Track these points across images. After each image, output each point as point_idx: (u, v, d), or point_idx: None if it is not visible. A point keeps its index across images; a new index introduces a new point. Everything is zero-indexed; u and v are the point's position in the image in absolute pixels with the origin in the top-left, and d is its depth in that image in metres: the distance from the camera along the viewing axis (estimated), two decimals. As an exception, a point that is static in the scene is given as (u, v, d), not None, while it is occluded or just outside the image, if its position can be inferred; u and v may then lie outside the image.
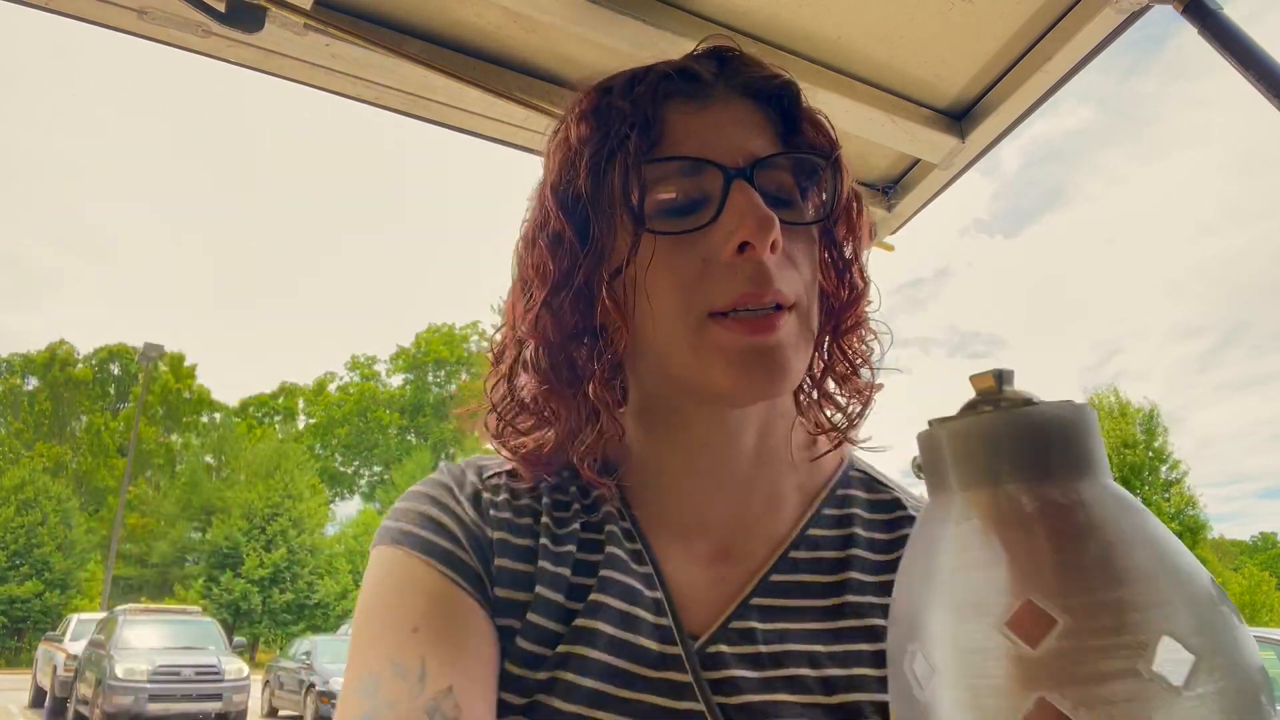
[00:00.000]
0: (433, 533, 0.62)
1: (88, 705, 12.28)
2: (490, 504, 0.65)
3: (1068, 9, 1.00)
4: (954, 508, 0.36)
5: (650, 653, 0.59)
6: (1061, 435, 0.35)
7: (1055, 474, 0.35)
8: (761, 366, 0.58)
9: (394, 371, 46.03)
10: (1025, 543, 0.33)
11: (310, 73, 1.00)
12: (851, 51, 1.07)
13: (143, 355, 26.33)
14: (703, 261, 0.59)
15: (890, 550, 0.67)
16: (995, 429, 0.36)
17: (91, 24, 0.91)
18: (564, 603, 0.61)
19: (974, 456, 0.36)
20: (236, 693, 12.46)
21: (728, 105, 0.64)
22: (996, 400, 0.37)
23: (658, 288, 0.60)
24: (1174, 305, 72.65)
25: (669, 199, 0.61)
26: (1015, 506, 0.34)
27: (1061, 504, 0.34)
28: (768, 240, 0.57)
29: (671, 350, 0.61)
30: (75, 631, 14.78)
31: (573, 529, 0.65)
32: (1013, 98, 1.10)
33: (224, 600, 28.29)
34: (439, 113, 1.08)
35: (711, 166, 0.60)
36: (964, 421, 0.37)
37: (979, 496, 0.35)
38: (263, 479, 30.67)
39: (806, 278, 0.62)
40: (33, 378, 40.21)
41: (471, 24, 0.98)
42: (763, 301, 0.58)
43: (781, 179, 0.63)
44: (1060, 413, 0.36)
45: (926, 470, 0.39)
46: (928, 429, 0.39)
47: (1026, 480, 0.35)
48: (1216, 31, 0.94)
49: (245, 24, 0.89)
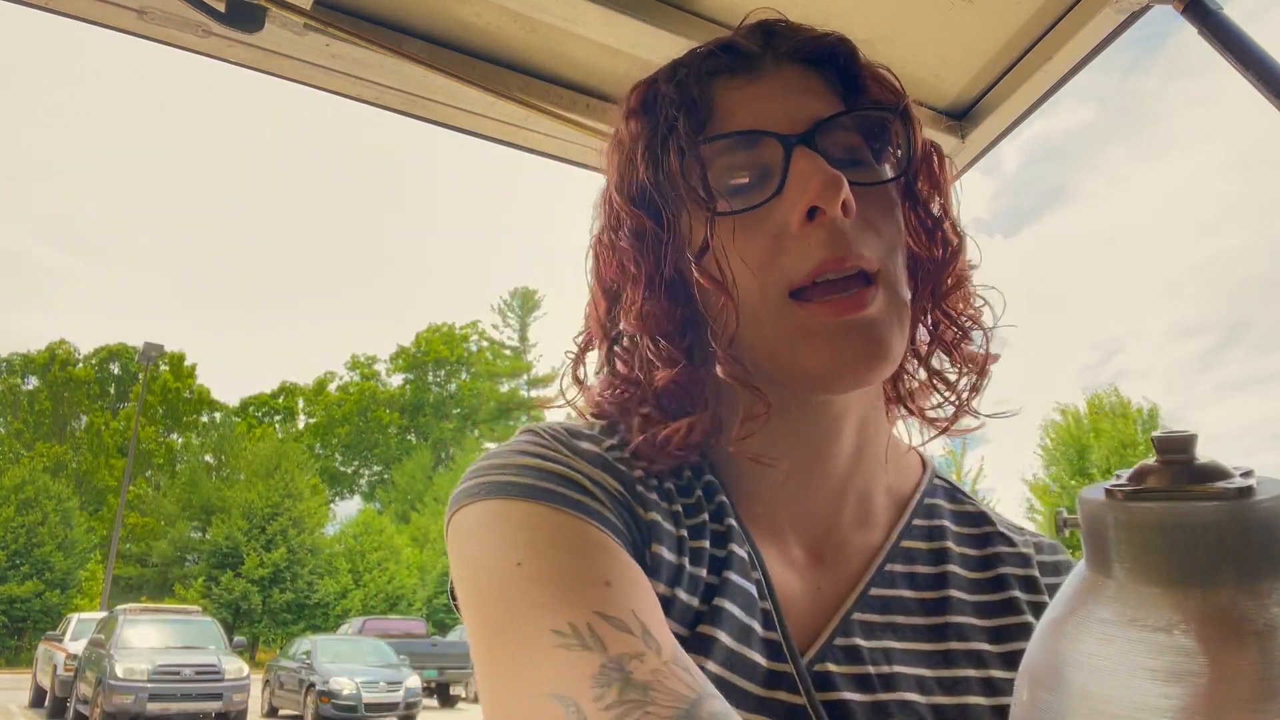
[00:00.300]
0: (574, 490, 0.53)
1: (88, 705, 12.29)
2: (631, 478, 0.57)
3: (1068, 9, 1.00)
4: (1146, 605, 0.31)
5: (760, 669, 0.54)
6: (1258, 532, 0.30)
7: (1262, 577, 0.30)
8: (854, 346, 0.54)
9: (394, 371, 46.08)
10: (1244, 660, 0.29)
11: (310, 73, 1.00)
12: (851, 51, 1.07)
13: (143, 355, 26.32)
14: (774, 237, 0.56)
15: (984, 569, 0.63)
16: (1218, 523, 0.30)
17: (91, 24, 0.91)
18: (697, 606, 0.55)
19: (1184, 553, 0.31)
20: (236, 692, 12.45)
21: (779, 74, 0.60)
22: (1189, 475, 0.32)
23: (739, 270, 0.57)
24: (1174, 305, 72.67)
25: (732, 177, 0.58)
26: (1235, 616, 0.29)
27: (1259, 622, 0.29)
28: (837, 200, 0.53)
29: (756, 336, 0.57)
30: (75, 631, 14.78)
31: (701, 520, 0.59)
32: (1013, 98, 1.10)
33: (224, 600, 28.30)
34: (439, 113, 1.08)
35: (768, 137, 0.57)
36: (1169, 509, 0.31)
37: (1184, 599, 0.30)
38: (263, 479, 30.68)
39: (889, 242, 0.57)
40: (33, 377, 40.22)
41: (471, 24, 0.98)
42: (843, 268, 0.54)
43: (848, 139, 0.59)
44: (1266, 508, 0.30)
45: (1095, 547, 0.33)
46: (1106, 502, 0.33)
47: (1247, 585, 0.30)
48: (1216, 31, 0.94)
49: (245, 24, 0.89)
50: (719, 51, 0.61)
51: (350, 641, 15.74)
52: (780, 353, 0.56)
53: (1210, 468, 0.32)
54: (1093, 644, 0.32)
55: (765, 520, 0.61)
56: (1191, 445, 0.32)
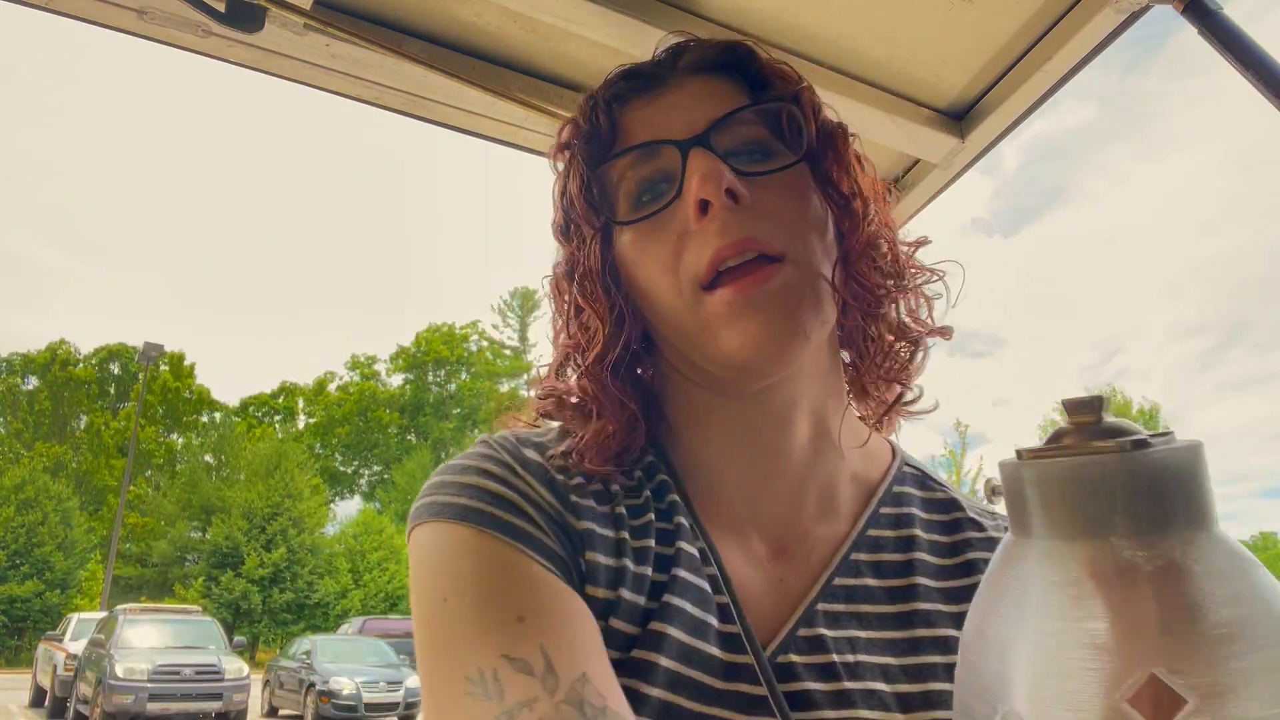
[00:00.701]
0: (507, 512, 0.55)
1: (88, 705, 12.28)
2: (567, 488, 0.59)
3: (1068, 9, 1.00)
4: (1052, 559, 0.32)
5: (718, 662, 0.55)
6: (1180, 482, 0.32)
7: (1172, 527, 0.31)
8: (761, 319, 0.56)
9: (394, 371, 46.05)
10: (1143, 607, 0.30)
11: (310, 73, 1.00)
12: (851, 51, 1.07)
13: (143, 355, 26.32)
14: (678, 237, 0.59)
15: (953, 554, 0.64)
16: (1108, 474, 0.32)
17: (91, 24, 0.91)
18: (645, 604, 0.56)
19: (1081, 504, 0.32)
20: (236, 692, 12.46)
21: (683, 87, 0.64)
22: (1094, 433, 0.33)
23: (648, 277, 0.60)
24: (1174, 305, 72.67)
25: (641, 190, 0.61)
26: (1129, 565, 0.31)
27: (1180, 563, 0.30)
28: (720, 189, 0.56)
29: (680, 333, 0.60)
30: (75, 631, 14.78)
31: (647, 520, 0.60)
32: (1013, 98, 1.10)
33: (224, 600, 28.28)
34: (439, 113, 1.08)
35: (666, 145, 0.60)
36: (1068, 464, 0.33)
37: (1085, 550, 0.32)
38: (263, 478, 30.66)
39: (793, 225, 0.59)
40: (33, 377, 40.20)
41: (471, 24, 0.98)
42: (741, 252, 0.56)
43: (750, 133, 0.61)
44: (1178, 457, 0.32)
45: (1013, 509, 0.35)
46: (1017, 462, 0.34)
47: (1141, 534, 0.31)
48: (1216, 31, 0.94)
49: (245, 24, 0.89)
50: (625, 77, 0.65)
51: (350, 641, 15.75)
52: (703, 342, 0.59)
53: (1115, 426, 0.33)
54: (1010, 603, 0.33)
55: (723, 516, 0.63)
56: (1099, 407, 0.34)
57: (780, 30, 1.03)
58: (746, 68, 0.65)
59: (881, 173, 1.34)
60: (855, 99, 1.10)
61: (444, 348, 44.78)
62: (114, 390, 42.17)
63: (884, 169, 1.32)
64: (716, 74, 0.65)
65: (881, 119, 1.12)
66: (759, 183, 0.59)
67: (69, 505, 29.54)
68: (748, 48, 0.65)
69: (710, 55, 0.65)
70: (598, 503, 0.59)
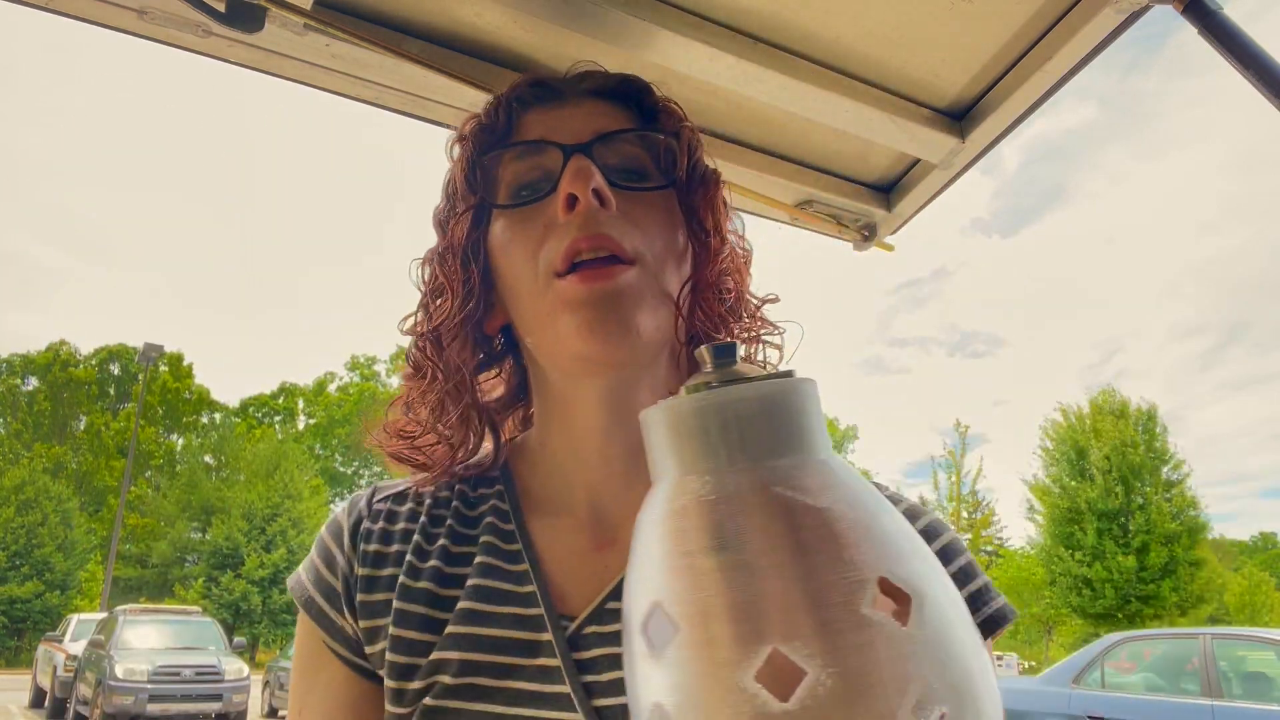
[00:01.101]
0: (320, 593, 0.69)
1: (88, 705, 12.28)
2: (365, 534, 0.69)
3: (1068, 9, 1.00)
4: (674, 493, 0.35)
5: (521, 643, 0.62)
6: (769, 413, 0.35)
7: (772, 453, 0.34)
8: (601, 317, 0.60)
9: (394, 371, 45.98)
10: (745, 533, 0.33)
11: (310, 73, 1.00)
12: (851, 51, 1.07)
13: (143, 355, 26.30)
14: (544, 228, 0.64)
15: None
16: (704, 409, 0.35)
17: (91, 24, 0.91)
18: (428, 613, 0.64)
19: (689, 438, 0.35)
20: (236, 693, 12.44)
21: (579, 104, 0.70)
22: (710, 379, 0.37)
23: (510, 263, 0.66)
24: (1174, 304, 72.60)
25: (520, 181, 0.67)
26: (735, 490, 0.34)
27: (779, 488, 0.34)
28: (587, 187, 0.61)
29: (529, 317, 0.66)
30: (75, 631, 14.76)
31: (441, 544, 0.68)
32: (1013, 98, 1.10)
33: (224, 600, 28.27)
34: (439, 113, 1.08)
35: (551, 146, 0.65)
36: (673, 404, 0.36)
37: (696, 482, 0.35)
38: (263, 479, 30.65)
39: (651, 237, 0.64)
40: (33, 378, 40.19)
41: (471, 24, 0.98)
42: (596, 247, 0.61)
43: (629, 152, 0.67)
44: (769, 390, 0.35)
45: (649, 457, 0.38)
46: (649, 410, 0.38)
47: (743, 462, 0.34)
48: (1216, 32, 0.94)
49: (245, 24, 0.89)
50: (533, 84, 0.71)
51: (350, 642, 15.69)
52: (546, 328, 0.64)
53: (727, 370, 0.37)
54: (646, 542, 0.36)
55: (561, 512, 0.69)
56: (719, 355, 0.37)
57: (780, 30, 1.03)
58: (641, 100, 0.72)
59: (881, 173, 1.34)
60: (855, 99, 1.10)
61: (444, 348, 44.69)
62: (114, 391, 42.17)
63: (884, 169, 1.32)
64: (613, 100, 0.71)
65: (881, 119, 1.12)
66: (628, 196, 0.65)
67: (69, 506, 29.53)
68: (644, 83, 0.73)
69: (610, 84, 0.72)
70: (386, 543, 0.69)
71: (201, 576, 29.67)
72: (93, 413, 39.91)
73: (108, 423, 39.19)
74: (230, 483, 33.35)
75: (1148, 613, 20.80)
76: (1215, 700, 6.14)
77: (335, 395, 45.46)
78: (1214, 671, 6.33)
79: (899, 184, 1.33)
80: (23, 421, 38.09)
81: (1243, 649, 6.70)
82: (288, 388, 46.61)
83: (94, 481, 36.82)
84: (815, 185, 1.28)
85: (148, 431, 38.44)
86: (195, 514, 33.18)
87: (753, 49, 1.02)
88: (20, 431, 37.54)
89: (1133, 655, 7.24)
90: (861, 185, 1.34)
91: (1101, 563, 21.23)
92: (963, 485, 23.84)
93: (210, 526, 31.07)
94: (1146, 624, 20.33)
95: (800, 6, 0.99)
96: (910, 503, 0.70)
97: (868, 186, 1.34)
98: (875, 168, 1.31)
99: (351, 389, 45.38)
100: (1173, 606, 20.73)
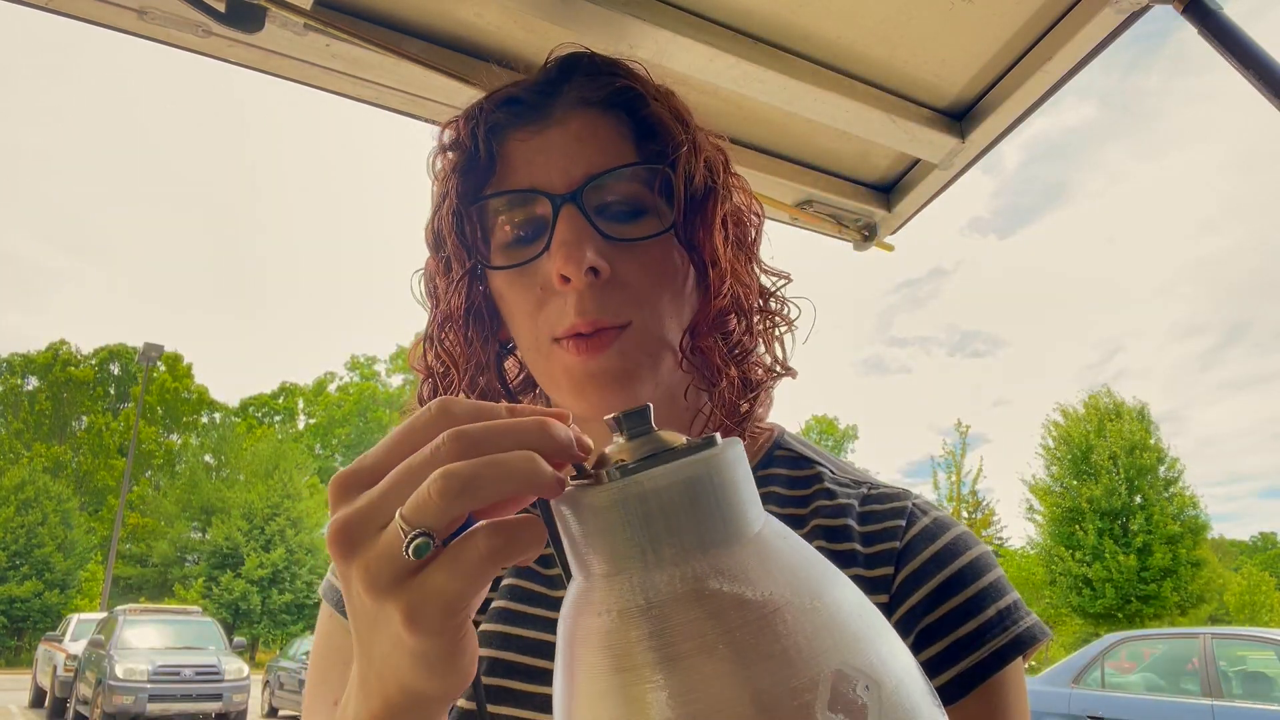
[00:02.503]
0: None
1: (88, 705, 12.28)
2: None
3: (1068, 9, 1.00)
4: (596, 597, 0.31)
5: (554, 647, 0.62)
6: (692, 496, 0.30)
7: (699, 543, 0.30)
8: (599, 390, 0.60)
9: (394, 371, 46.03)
10: (683, 644, 0.29)
11: (310, 73, 1.00)
12: (851, 51, 1.07)
13: (143, 355, 26.29)
14: (541, 289, 0.62)
15: (800, 526, 0.66)
16: (620, 502, 0.30)
17: (91, 24, 0.90)
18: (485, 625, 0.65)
19: (603, 535, 0.31)
20: (236, 693, 12.44)
21: (566, 124, 0.64)
22: (623, 454, 0.32)
23: (511, 317, 0.65)
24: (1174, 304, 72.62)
25: (512, 231, 0.63)
26: (667, 593, 0.30)
27: (713, 585, 0.29)
28: (579, 272, 0.58)
29: (532, 366, 0.65)
30: (75, 631, 14.77)
31: None
32: (1013, 98, 1.10)
33: (224, 600, 28.27)
34: (439, 113, 1.08)
35: (540, 195, 0.61)
36: (583, 497, 0.31)
37: (621, 585, 0.30)
38: (262, 479, 30.65)
39: (647, 292, 0.62)
40: (33, 378, 40.19)
41: (471, 24, 0.98)
42: (592, 327, 0.60)
43: (624, 188, 0.62)
44: (691, 470, 0.30)
45: (565, 549, 0.33)
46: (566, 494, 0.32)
47: (670, 558, 0.30)
48: (1216, 31, 0.94)
49: (245, 24, 0.89)
50: (508, 103, 0.66)
51: (350, 642, 15.69)
52: (549, 385, 0.64)
53: (640, 442, 0.32)
54: (568, 658, 0.32)
55: None
56: (623, 425, 0.32)
57: (780, 30, 1.03)
58: (634, 109, 0.65)
59: (881, 173, 1.34)
60: (855, 99, 1.10)
61: (444, 348, 44.71)
62: (114, 391, 42.16)
63: (884, 169, 1.32)
64: (604, 111, 0.65)
65: (881, 119, 1.12)
66: (624, 247, 0.61)
67: (69, 506, 29.53)
68: (636, 91, 0.65)
69: (596, 93, 0.65)
70: None
71: (201, 576, 29.67)
72: (93, 413, 39.91)
73: (107, 423, 39.18)
74: (230, 482, 33.35)
75: (1148, 612, 20.79)
76: (1215, 700, 6.14)
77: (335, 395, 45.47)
78: (1214, 671, 6.33)
79: (899, 184, 1.33)
80: (23, 421, 38.09)
81: (1243, 649, 6.70)
82: (288, 388, 46.63)
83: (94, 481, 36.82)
84: (815, 185, 1.28)
85: (148, 431, 38.44)
86: (195, 514, 33.17)
87: (753, 49, 1.02)
88: (21, 431, 37.54)
89: (1133, 655, 7.24)
90: (861, 185, 1.34)
91: (1101, 562, 21.23)
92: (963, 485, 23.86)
93: (210, 526, 31.07)
94: (1146, 624, 20.33)
95: (800, 6, 0.99)
96: (937, 515, 0.66)
97: (868, 186, 1.34)
98: (875, 168, 1.31)
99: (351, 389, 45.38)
100: (1173, 606, 20.73)
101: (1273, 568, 43.81)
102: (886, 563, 0.62)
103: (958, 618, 0.59)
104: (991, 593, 0.61)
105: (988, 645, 0.59)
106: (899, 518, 0.65)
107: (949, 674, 0.58)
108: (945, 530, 0.64)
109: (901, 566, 0.62)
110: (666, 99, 0.66)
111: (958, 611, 0.60)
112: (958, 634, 0.59)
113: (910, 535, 0.63)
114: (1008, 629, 0.60)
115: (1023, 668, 0.61)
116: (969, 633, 0.59)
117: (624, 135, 0.64)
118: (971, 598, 0.60)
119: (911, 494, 0.68)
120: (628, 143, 0.64)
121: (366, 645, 0.37)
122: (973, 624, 0.59)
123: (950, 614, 0.60)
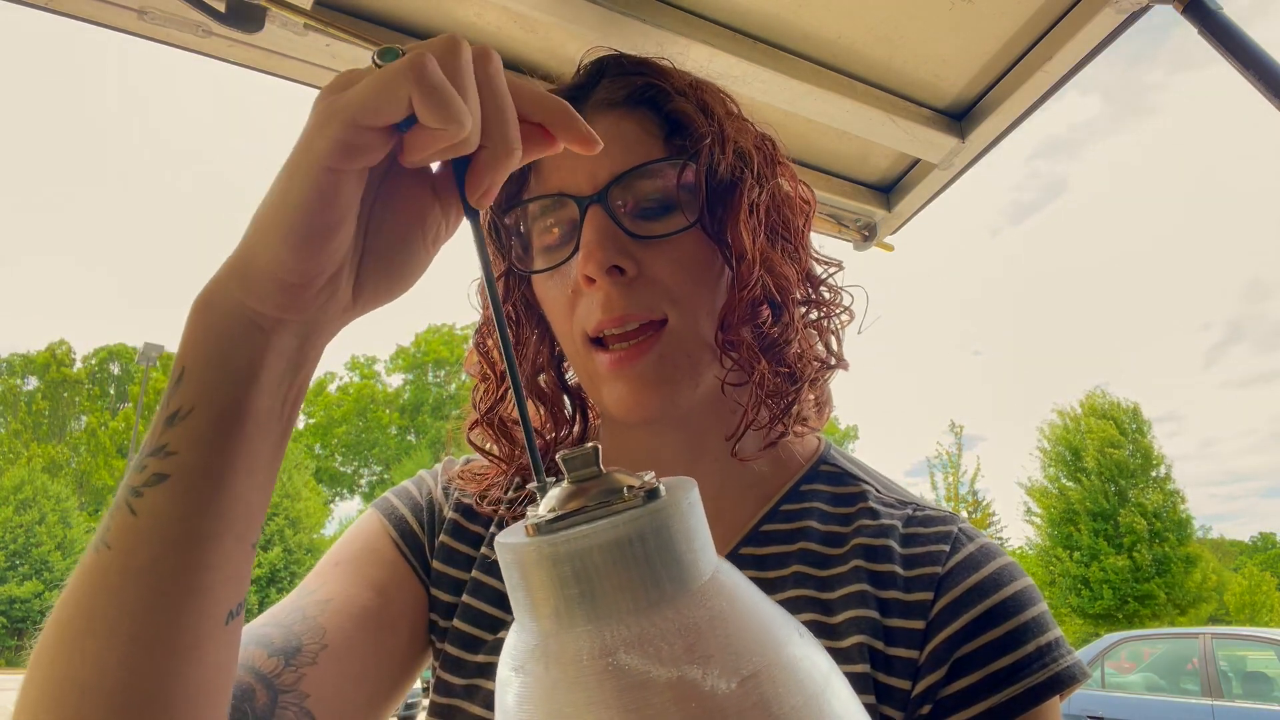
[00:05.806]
0: (400, 500, 0.71)
1: (87, 705, 12.28)
2: (465, 508, 0.71)
3: (1068, 9, 1.00)
4: (512, 643, 0.30)
5: None
6: (627, 559, 0.28)
7: (622, 610, 0.28)
8: (634, 395, 0.61)
9: (394, 371, 46.02)
10: (635, 703, 0.26)
11: (310, 73, 1.00)
12: (851, 51, 1.07)
13: (142, 355, 26.29)
14: (573, 290, 0.63)
15: (840, 545, 0.64)
16: (551, 558, 0.28)
17: (91, 24, 0.90)
18: (491, 612, 0.64)
19: (529, 591, 0.29)
20: (236, 693, 12.45)
21: (595, 124, 0.63)
22: (566, 501, 0.30)
23: (552, 315, 0.67)
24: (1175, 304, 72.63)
25: (546, 234, 0.65)
26: (570, 662, 0.27)
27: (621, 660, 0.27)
28: (600, 271, 0.59)
29: (574, 365, 0.67)
30: (74, 631, 14.76)
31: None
32: (1013, 98, 1.10)
33: (223, 600, 28.24)
34: (439, 112, 1.08)
35: (568, 199, 0.63)
36: (519, 548, 0.29)
37: (573, 641, 0.28)
38: (262, 479, 30.63)
39: (681, 287, 0.62)
40: (32, 378, 40.17)
41: (471, 24, 0.98)
42: (620, 324, 0.60)
43: (650, 186, 0.62)
44: (636, 528, 0.28)
45: (518, 598, 0.31)
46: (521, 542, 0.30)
47: (586, 625, 0.28)
48: (1217, 31, 0.94)
49: (245, 24, 0.89)
50: None
51: (350, 642, 15.71)
52: (589, 386, 0.65)
53: (606, 486, 0.29)
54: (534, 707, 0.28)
55: None
56: (586, 464, 0.30)
57: (780, 30, 1.03)
58: (660, 106, 0.65)
59: (881, 173, 1.34)
60: (855, 99, 1.10)
61: (444, 348, 44.75)
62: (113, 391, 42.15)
63: (884, 169, 1.32)
64: (630, 110, 0.65)
65: (881, 119, 1.12)
66: (652, 244, 0.62)
67: (68, 505, 29.52)
68: (660, 87, 0.66)
69: (622, 93, 0.66)
70: (484, 527, 0.70)
71: (201, 576, 29.60)
72: (92, 412, 39.89)
73: (106, 422, 39.16)
74: (230, 482, 33.27)
75: (1145, 612, 20.79)
76: (1215, 700, 6.14)
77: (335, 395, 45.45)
78: (1214, 671, 6.33)
79: (899, 184, 1.33)
80: (22, 421, 38.08)
81: (1243, 649, 6.70)
82: (287, 387, 46.48)
83: (93, 481, 36.80)
84: (815, 185, 1.28)
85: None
86: (195, 514, 33.09)
87: (753, 49, 1.02)
88: (20, 431, 37.52)
89: (1133, 655, 7.24)
90: (861, 185, 1.34)
91: (1098, 563, 21.24)
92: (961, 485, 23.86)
93: (210, 526, 30.98)
94: (1145, 624, 20.32)
95: (800, 6, 0.99)
96: (983, 543, 0.64)
97: (868, 186, 1.34)
98: (875, 168, 1.31)
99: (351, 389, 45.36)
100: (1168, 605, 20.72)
101: (1273, 568, 43.83)
102: (926, 588, 0.60)
103: (995, 650, 0.57)
104: (1033, 627, 0.59)
105: (1023, 681, 0.56)
106: (943, 543, 0.63)
107: (981, 707, 0.56)
108: (990, 559, 0.62)
109: (942, 593, 0.60)
110: (695, 92, 0.66)
111: (996, 644, 0.57)
112: (994, 667, 0.57)
113: (954, 562, 0.61)
114: (1046, 666, 0.57)
115: (1059, 706, 0.58)
116: (1006, 667, 0.57)
117: (651, 133, 0.64)
118: (1011, 631, 0.58)
119: (958, 519, 0.66)
120: (655, 140, 0.64)
121: (282, 182, 0.41)
122: (1010, 658, 0.57)
123: (988, 646, 0.57)
